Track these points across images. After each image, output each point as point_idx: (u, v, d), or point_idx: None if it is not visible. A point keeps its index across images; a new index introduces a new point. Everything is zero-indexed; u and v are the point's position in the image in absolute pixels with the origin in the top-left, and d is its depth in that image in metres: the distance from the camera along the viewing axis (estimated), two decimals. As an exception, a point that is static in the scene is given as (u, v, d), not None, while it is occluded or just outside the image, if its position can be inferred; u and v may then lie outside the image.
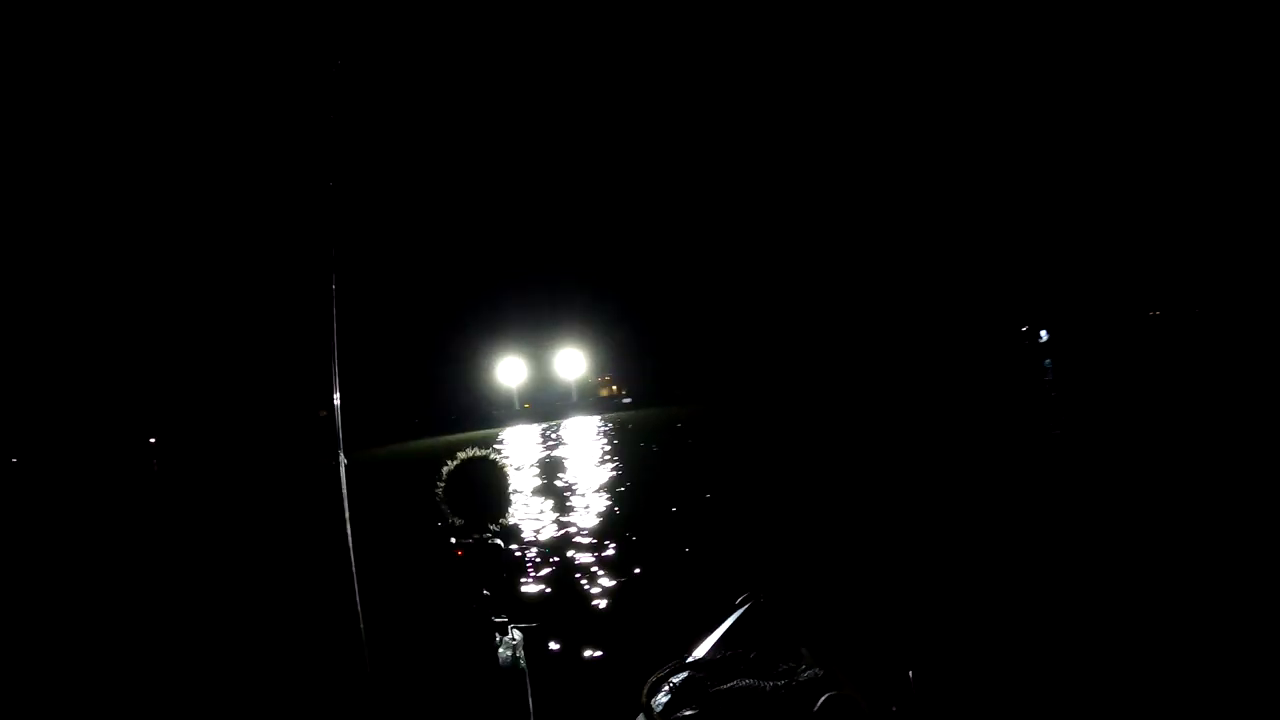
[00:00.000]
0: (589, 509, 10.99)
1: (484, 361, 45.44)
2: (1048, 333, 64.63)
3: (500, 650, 3.42)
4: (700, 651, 2.81)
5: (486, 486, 3.47)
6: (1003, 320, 65.54)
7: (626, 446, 21.44)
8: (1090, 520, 7.45)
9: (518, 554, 7.25)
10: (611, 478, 14.77)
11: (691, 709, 2.35)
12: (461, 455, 3.51)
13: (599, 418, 37.46)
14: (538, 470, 16.93)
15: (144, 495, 26.52)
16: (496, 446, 25.78)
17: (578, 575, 7.13)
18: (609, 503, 11.49)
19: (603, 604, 6.11)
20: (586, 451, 21.01)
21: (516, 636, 3.42)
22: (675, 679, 2.47)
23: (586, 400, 44.88)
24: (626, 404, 44.22)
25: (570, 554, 8.18)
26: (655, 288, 58.43)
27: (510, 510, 3.50)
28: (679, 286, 58.33)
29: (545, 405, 42.39)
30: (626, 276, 58.13)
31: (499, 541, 3.41)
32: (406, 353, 46.69)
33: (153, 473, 37.91)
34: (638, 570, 7.25)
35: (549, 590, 6.68)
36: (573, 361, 45.84)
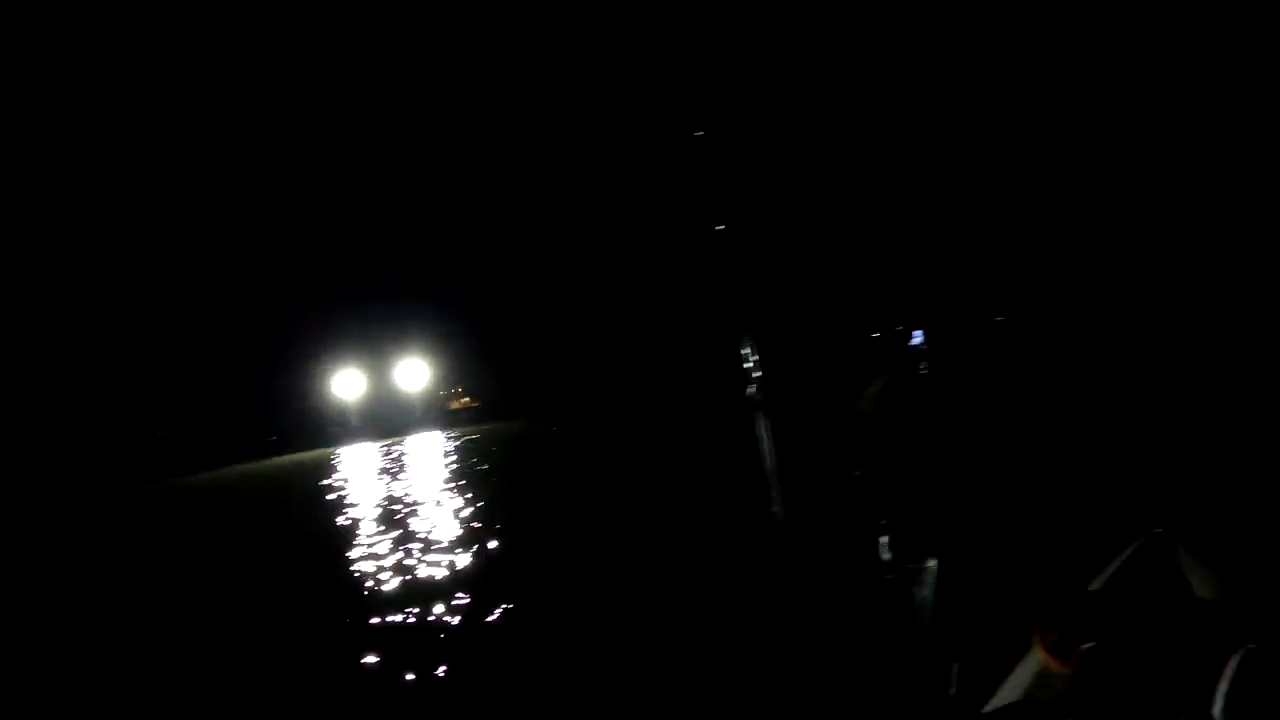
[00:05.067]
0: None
1: (317, 374, 45.72)
2: (922, 334, 65.99)
3: (917, 582, 3.54)
4: (1094, 589, 2.75)
5: (915, 408, 3.50)
6: (877, 320, 68.17)
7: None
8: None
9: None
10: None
11: (1088, 644, 2.23)
12: (879, 381, 3.60)
13: (444, 433, 38.55)
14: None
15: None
16: (333, 465, 26.92)
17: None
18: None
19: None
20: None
21: (930, 566, 3.49)
22: (1068, 618, 2.37)
23: (431, 414, 45.61)
24: (470, 417, 45.26)
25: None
26: (505, 289, 59.19)
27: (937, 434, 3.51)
28: (531, 288, 59.15)
29: (385, 420, 43.06)
30: (474, 278, 58.74)
31: (915, 468, 3.46)
32: (232, 367, 46.47)
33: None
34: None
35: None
36: (416, 372, 46.51)
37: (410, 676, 6.45)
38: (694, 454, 15.53)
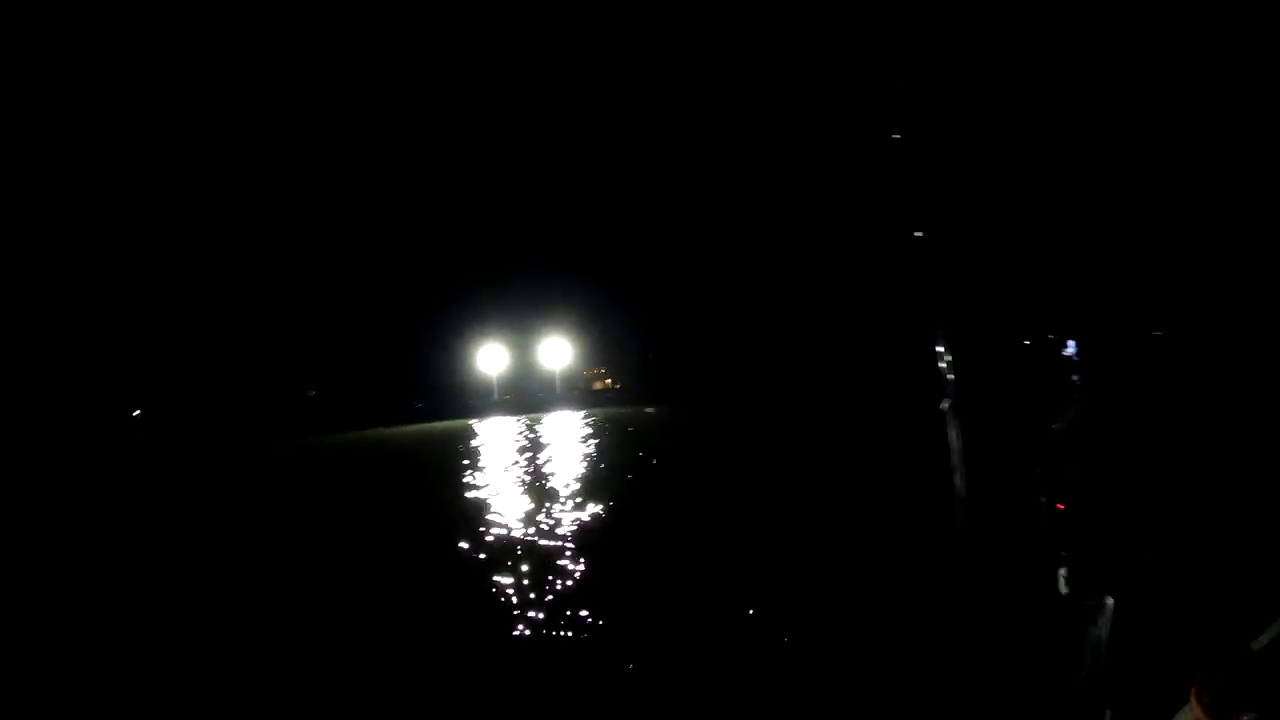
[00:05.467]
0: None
1: (464, 348, 46.63)
2: (1075, 345, 63.43)
3: (1092, 620, 3.43)
4: (1255, 647, 2.57)
5: (1114, 439, 3.34)
6: (1029, 328, 64.92)
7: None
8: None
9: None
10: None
11: (1250, 712, 2.11)
12: (1074, 406, 3.52)
13: (583, 412, 38.56)
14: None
15: (127, 469, 28.31)
16: (474, 438, 27.22)
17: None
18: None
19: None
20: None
21: (1109, 604, 3.33)
22: (1230, 675, 2.25)
23: (571, 393, 45.90)
24: (610, 398, 45.37)
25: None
26: (655, 272, 58.74)
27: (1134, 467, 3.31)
28: (682, 271, 58.47)
29: (526, 396, 43.68)
30: (622, 259, 58.55)
31: (1107, 497, 3.31)
32: (387, 336, 48.07)
33: (135, 446, 40.00)
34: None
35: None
36: (558, 351, 46.88)
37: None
38: (883, 458, 14.61)
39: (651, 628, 6.76)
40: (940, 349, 5.15)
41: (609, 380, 57.12)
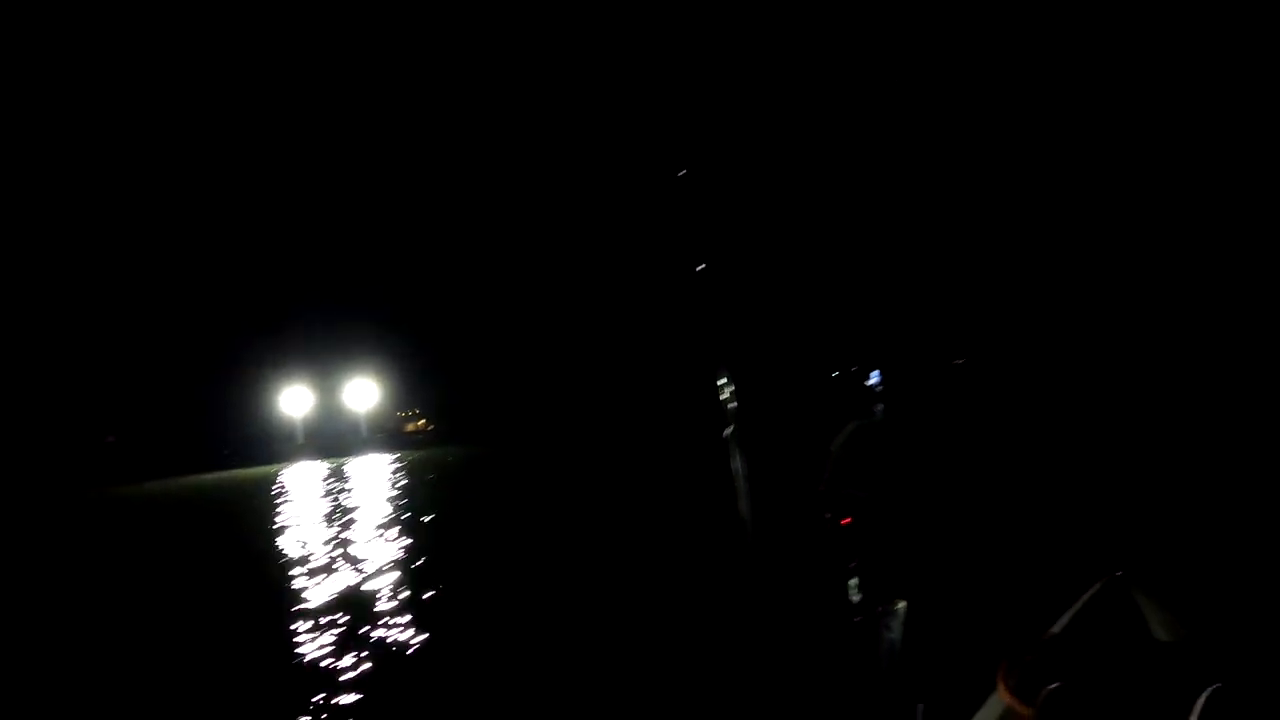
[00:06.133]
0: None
1: (266, 390, 45.25)
2: (879, 374, 63.79)
3: (886, 624, 3.33)
4: (1056, 631, 2.62)
5: (884, 453, 3.19)
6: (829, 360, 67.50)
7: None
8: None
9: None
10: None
11: (1051, 685, 2.07)
12: (849, 426, 3.43)
13: (390, 455, 38.22)
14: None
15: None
16: (276, 486, 26.59)
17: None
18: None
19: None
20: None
21: (899, 609, 3.31)
22: (1031, 660, 2.20)
23: (378, 435, 45.24)
24: (420, 440, 45.13)
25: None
26: (457, 312, 58.37)
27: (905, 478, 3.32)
28: (482, 311, 58.24)
29: (333, 439, 42.78)
30: (423, 300, 57.91)
31: (887, 509, 3.14)
32: (184, 377, 45.96)
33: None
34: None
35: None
36: (365, 392, 46.26)
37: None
38: (665, 485, 15.32)
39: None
40: (722, 380, 5.40)
41: (422, 421, 56.25)
